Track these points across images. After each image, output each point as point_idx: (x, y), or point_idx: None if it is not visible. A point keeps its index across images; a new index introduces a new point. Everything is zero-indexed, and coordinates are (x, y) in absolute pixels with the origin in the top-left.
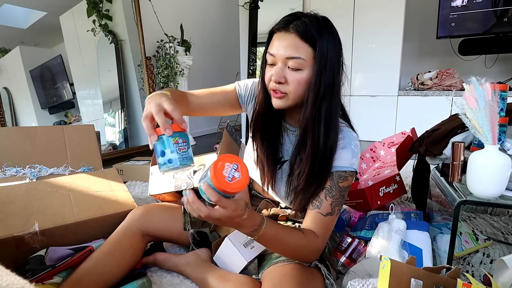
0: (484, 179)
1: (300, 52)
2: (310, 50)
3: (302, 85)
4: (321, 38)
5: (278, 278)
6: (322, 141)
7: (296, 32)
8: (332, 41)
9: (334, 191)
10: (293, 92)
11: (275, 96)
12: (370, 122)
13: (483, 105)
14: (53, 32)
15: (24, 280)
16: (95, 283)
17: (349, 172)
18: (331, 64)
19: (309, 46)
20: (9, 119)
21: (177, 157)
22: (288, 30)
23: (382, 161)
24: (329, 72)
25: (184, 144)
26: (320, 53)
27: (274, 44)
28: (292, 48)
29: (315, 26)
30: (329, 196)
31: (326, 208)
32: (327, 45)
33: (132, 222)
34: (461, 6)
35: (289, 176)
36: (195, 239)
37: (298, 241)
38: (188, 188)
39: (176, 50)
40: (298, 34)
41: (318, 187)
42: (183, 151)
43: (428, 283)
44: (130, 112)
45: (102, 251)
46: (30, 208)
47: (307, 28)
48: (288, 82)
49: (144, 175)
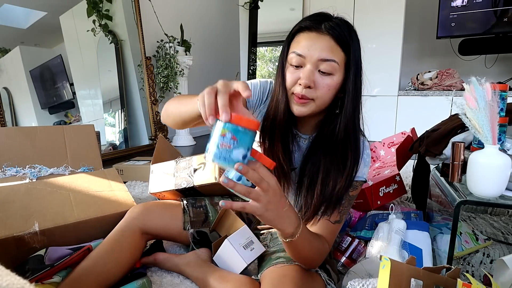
0: (484, 179)
1: (335, 55)
2: (343, 55)
3: (331, 91)
4: (353, 43)
5: (277, 279)
6: (359, 150)
7: (330, 35)
8: (360, 47)
9: (344, 200)
10: (320, 98)
11: (299, 102)
12: (370, 122)
13: (483, 105)
14: (53, 32)
15: (24, 280)
16: (95, 282)
17: (359, 181)
18: (360, 70)
19: (342, 50)
20: (9, 119)
21: (214, 151)
22: (321, 31)
23: (382, 161)
24: (360, 78)
25: (231, 142)
26: (353, 58)
27: (303, 44)
28: (327, 51)
29: (347, 30)
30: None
31: (335, 216)
32: (357, 51)
33: (131, 220)
34: (461, 6)
35: (299, 184)
36: (195, 239)
37: (319, 246)
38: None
39: (176, 50)
40: (333, 37)
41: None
42: (225, 148)
43: (428, 283)
44: (130, 112)
45: (101, 250)
46: (30, 208)
47: (341, 31)
48: (317, 87)
49: (144, 175)
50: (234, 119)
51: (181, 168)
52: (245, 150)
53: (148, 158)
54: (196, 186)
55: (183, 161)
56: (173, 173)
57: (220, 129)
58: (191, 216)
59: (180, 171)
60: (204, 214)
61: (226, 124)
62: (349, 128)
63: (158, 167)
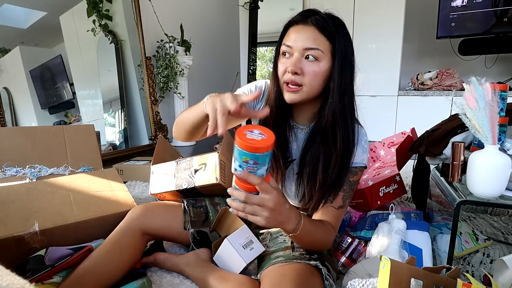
0: (484, 179)
1: (319, 44)
2: (328, 44)
3: (318, 78)
4: (338, 34)
5: (277, 278)
6: (351, 136)
7: (315, 25)
8: (348, 40)
9: (345, 186)
10: (308, 85)
11: (289, 90)
12: (370, 122)
13: (483, 105)
14: (53, 32)
15: (24, 280)
16: (95, 283)
17: (359, 167)
18: (349, 61)
19: (327, 39)
20: (9, 119)
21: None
22: (306, 23)
23: (382, 161)
24: (348, 68)
25: (254, 166)
26: (338, 47)
27: (291, 36)
28: (311, 40)
29: (332, 23)
30: (341, 191)
31: (339, 202)
32: (343, 41)
33: (132, 221)
34: (461, 6)
35: (299, 175)
36: (195, 238)
37: (324, 233)
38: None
39: (176, 50)
40: (317, 27)
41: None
42: (251, 171)
43: (428, 283)
44: (130, 112)
45: (102, 251)
46: (30, 208)
47: (325, 23)
48: (304, 74)
49: (144, 175)
50: (252, 149)
51: (181, 168)
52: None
53: (148, 158)
54: (197, 186)
55: (184, 162)
56: (174, 174)
57: (242, 156)
58: (192, 216)
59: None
60: (205, 214)
61: (246, 153)
62: (336, 114)
63: (159, 168)
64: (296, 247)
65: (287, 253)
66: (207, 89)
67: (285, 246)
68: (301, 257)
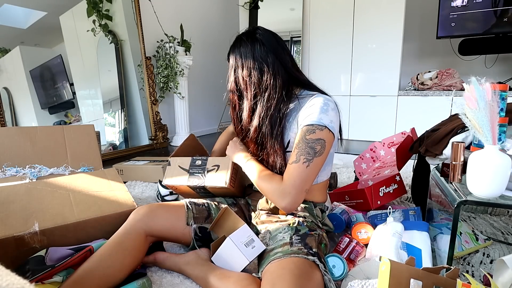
0: (484, 179)
1: (231, 76)
2: (232, 67)
3: (249, 89)
4: (233, 54)
5: (277, 272)
6: (264, 123)
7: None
8: (247, 46)
9: (301, 143)
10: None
11: None
12: (370, 122)
13: (483, 105)
14: (53, 32)
15: (24, 280)
16: (97, 284)
17: (316, 125)
18: (248, 66)
19: (231, 69)
20: (9, 119)
21: None
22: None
23: (382, 161)
24: (246, 72)
25: None
26: (233, 64)
27: None
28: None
29: (232, 48)
30: (297, 148)
31: (292, 157)
32: (240, 54)
33: (136, 222)
34: (461, 6)
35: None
36: (197, 235)
37: (270, 184)
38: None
39: (176, 50)
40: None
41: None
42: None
43: (428, 283)
44: (130, 112)
45: (105, 252)
46: (30, 208)
47: (228, 56)
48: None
49: (144, 175)
50: None
51: (195, 166)
52: None
53: (148, 158)
54: (207, 186)
55: (199, 160)
56: (188, 170)
57: None
58: (194, 212)
59: (194, 169)
60: (207, 211)
61: None
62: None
63: (175, 161)
64: (294, 243)
65: (286, 248)
66: (207, 89)
67: (283, 243)
68: (299, 252)
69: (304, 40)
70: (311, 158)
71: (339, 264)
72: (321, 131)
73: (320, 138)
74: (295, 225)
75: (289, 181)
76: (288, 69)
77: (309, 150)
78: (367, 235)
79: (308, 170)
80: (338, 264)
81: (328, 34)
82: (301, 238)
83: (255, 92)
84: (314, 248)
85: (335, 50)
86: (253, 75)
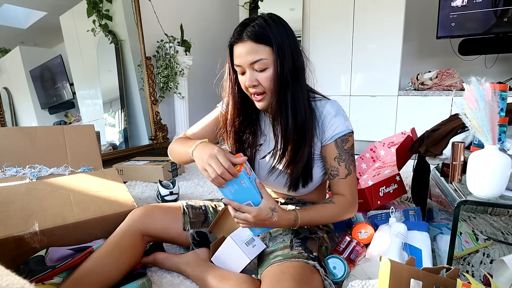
0: (484, 179)
1: (261, 54)
2: (268, 49)
3: (273, 81)
4: (272, 33)
5: (276, 276)
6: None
7: (250, 39)
8: (284, 30)
9: (343, 155)
10: (269, 89)
11: (257, 100)
12: (370, 122)
13: (483, 105)
14: (53, 32)
15: (24, 280)
16: (95, 283)
17: (347, 134)
18: (288, 51)
19: (266, 45)
20: (9, 119)
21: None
22: (243, 39)
23: (382, 161)
24: (288, 59)
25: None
26: (276, 47)
27: (236, 55)
28: (252, 54)
29: (264, 25)
30: (342, 161)
31: (343, 171)
32: (279, 36)
33: (132, 222)
34: (461, 6)
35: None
36: (195, 240)
37: (331, 212)
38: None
39: (176, 50)
40: (253, 40)
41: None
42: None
43: (428, 283)
44: (130, 112)
45: (102, 251)
46: (30, 208)
47: (257, 31)
48: (260, 83)
49: (144, 175)
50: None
51: None
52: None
53: (148, 158)
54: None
55: None
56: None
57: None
58: (191, 217)
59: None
60: (204, 215)
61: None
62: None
63: None
64: (294, 246)
65: (286, 252)
66: (207, 89)
67: (283, 246)
68: (299, 256)
69: (304, 40)
70: (354, 163)
71: (340, 265)
72: (351, 137)
73: (352, 144)
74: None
75: (352, 192)
76: None
77: (352, 158)
78: (367, 235)
79: (355, 173)
80: (339, 265)
81: (328, 34)
82: (302, 242)
83: (294, 80)
84: (314, 252)
85: (335, 50)
86: (297, 61)
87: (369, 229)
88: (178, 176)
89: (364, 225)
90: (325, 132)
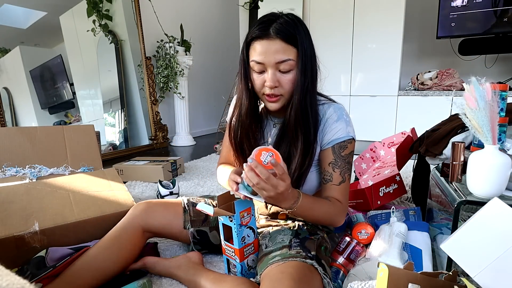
0: (484, 179)
1: (289, 54)
2: (295, 50)
3: (293, 84)
4: (299, 35)
5: (276, 276)
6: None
7: (279, 37)
8: (308, 34)
9: (339, 162)
10: (287, 92)
11: (271, 100)
12: (370, 122)
13: (483, 105)
14: (53, 32)
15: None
16: (92, 276)
17: (347, 140)
18: (310, 56)
19: (293, 46)
20: (9, 119)
21: None
22: (271, 36)
23: (382, 161)
24: (309, 64)
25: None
26: (301, 50)
27: (258, 52)
28: (281, 53)
29: (292, 25)
30: (336, 168)
31: (337, 178)
32: (303, 40)
33: (133, 217)
34: (461, 6)
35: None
36: (195, 238)
37: (328, 208)
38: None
39: (176, 50)
40: (282, 39)
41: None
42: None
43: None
44: (130, 112)
45: (101, 246)
46: (30, 208)
47: (287, 30)
48: (281, 85)
49: (144, 175)
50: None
51: None
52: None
53: (148, 158)
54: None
55: None
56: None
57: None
58: (191, 215)
59: None
60: (204, 213)
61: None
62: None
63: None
64: (293, 246)
65: (284, 252)
66: (207, 89)
67: (282, 246)
68: (297, 255)
69: None
70: (350, 171)
71: None
72: (350, 144)
73: (351, 151)
74: (295, 228)
75: (345, 199)
76: None
77: (348, 165)
78: (367, 235)
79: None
80: None
81: (328, 34)
82: (300, 242)
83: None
84: (312, 251)
85: (335, 50)
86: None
87: (369, 229)
88: (178, 176)
89: (364, 225)
90: (325, 137)
